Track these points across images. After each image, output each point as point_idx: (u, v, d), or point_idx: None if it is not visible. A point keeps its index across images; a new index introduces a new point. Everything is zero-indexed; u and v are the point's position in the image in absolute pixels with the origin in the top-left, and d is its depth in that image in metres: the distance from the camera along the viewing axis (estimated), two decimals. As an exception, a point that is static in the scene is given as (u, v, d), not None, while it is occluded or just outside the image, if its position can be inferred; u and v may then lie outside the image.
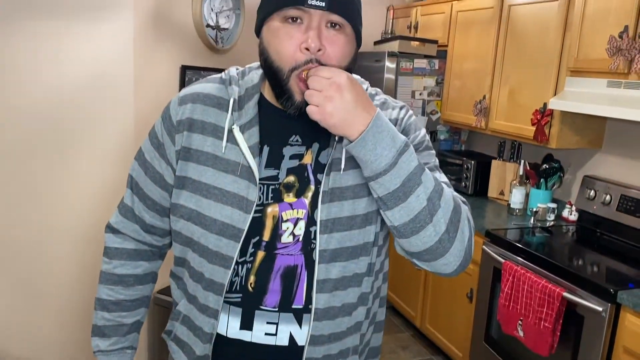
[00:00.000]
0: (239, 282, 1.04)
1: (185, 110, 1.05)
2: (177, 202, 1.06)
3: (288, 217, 1.03)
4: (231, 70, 1.11)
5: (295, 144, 1.05)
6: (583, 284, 2.18)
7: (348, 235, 1.03)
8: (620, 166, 2.79)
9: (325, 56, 0.95)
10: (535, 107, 2.85)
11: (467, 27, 3.43)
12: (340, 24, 0.97)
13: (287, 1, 0.94)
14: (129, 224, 1.17)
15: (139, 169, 1.13)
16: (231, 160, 1.02)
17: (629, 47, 2.28)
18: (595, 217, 2.80)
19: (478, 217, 3.00)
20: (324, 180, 1.03)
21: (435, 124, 3.79)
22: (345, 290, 1.05)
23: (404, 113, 1.12)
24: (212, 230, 1.02)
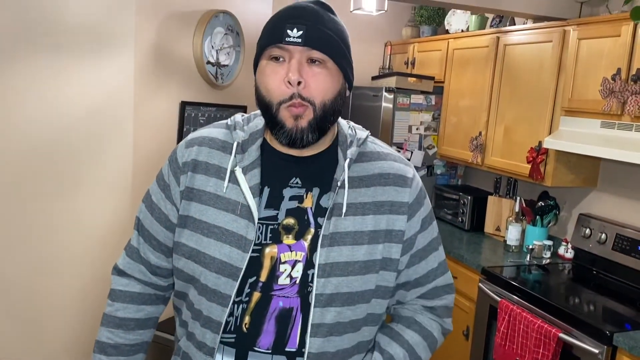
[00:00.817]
0: (234, 322, 1.05)
1: (191, 153, 1.10)
2: (179, 241, 1.08)
3: (286, 259, 1.05)
4: (237, 116, 1.15)
5: (295, 186, 1.08)
6: (579, 325, 2.18)
7: (345, 281, 1.04)
8: (615, 205, 2.81)
9: (307, 90, 0.99)
10: (530, 144, 2.88)
11: (463, 65, 3.49)
12: (321, 59, 1.01)
13: (269, 41, 1.01)
14: (135, 265, 1.18)
15: (146, 211, 1.16)
16: (232, 200, 1.05)
17: (621, 90, 2.32)
18: (591, 256, 2.80)
19: (474, 253, 3.00)
20: (325, 224, 1.04)
21: (431, 158, 3.82)
22: (340, 336, 1.06)
23: (417, 177, 1.16)
24: (212, 269, 1.04)
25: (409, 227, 1.11)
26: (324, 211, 1.06)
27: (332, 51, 1.01)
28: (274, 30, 1.00)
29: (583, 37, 2.56)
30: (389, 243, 1.08)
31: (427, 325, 1.19)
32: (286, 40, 0.98)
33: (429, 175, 3.84)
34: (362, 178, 1.09)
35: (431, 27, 4.14)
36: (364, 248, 1.05)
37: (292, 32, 0.98)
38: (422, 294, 1.19)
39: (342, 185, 1.06)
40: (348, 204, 1.06)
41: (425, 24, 4.14)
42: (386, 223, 1.08)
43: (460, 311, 2.97)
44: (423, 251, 1.15)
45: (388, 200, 1.09)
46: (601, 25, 2.48)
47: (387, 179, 1.10)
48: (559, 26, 2.73)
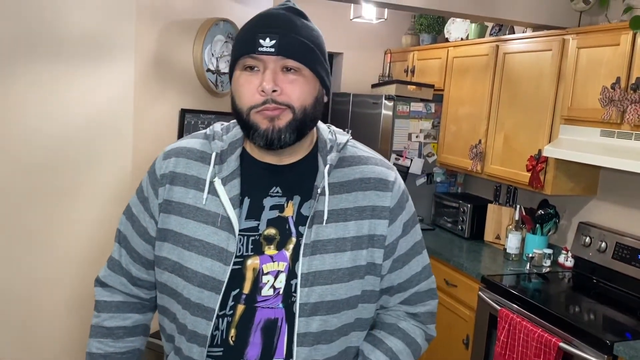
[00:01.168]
0: (220, 335, 1.04)
1: (169, 164, 1.09)
2: (160, 255, 1.08)
3: (269, 270, 1.04)
4: (216, 126, 1.14)
5: (276, 195, 1.06)
6: (579, 334, 2.17)
7: (330, 289, 1.03)
8: (615, 213, 2.81)
9: (283, 95, 0.98)
10: (530, 153, 2.88)
11: (462, 73, 3.49)
12: (296, 67, 0.99)
13: (242, 51, 1.00)
14: (116, 277, 1.18)
15: (127, 223, 1.16)
16: (211, 212, 1.04)
17: (621, 98, 2.33)
18: (591, 264, 2.79)
19: (474, 262, 2.99)
20: (306, 232, 1.03)
21: (431, 166, 3.82)
22: (328, 344, 1.05)
23: (399, 180, 1.14)
24: (194, 283, 1.02)
25: (390, 232, 1.10)
26: (306, 219, 1.05)
27: (307, 59, 1.00)
28: (247, 40, 0.99)
29: (582, 46, 2.57)
30: (372, 248, 1.07)
31: (411, 331, 1.17)
32: (259, 51, 0.97)
33: (428, 183, 3.84)
34: (343, 184, 1.08)
35: (431, 36, 4.15)
36: (347, 255, 1.04)
37: (265, 42, 0.97)
38: (405, 299, 1.17)
39: (322, 192, 1.05)
40: (329, 211, 1.05)
41: (425, 32, 4.16)
42: (368, 228, 1.07)
43: (460, 320, 2.96)
44: (406, 255, 1.14)
45: (370, 205, 1.08)
46: (600, 34, 2.49)
47: (368, 183, 1.09)
48: (558, 35, 2.74)
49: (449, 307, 3.06)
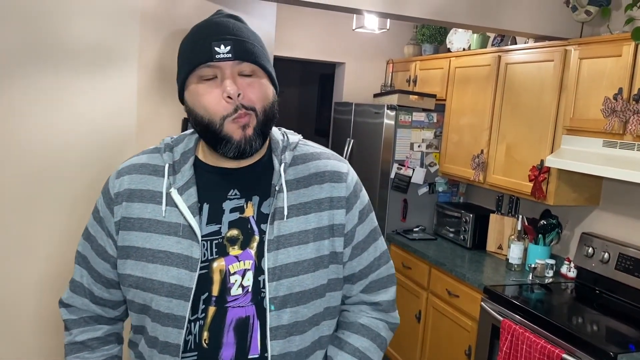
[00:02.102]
0: (193, 340, 1.04)
1: (122, 183, 1.10)
2: (124, 272, 1.08)
3: (235, 270, 1.05)
4: (166, 139, 1.15)
5: (234, 197, 1.09)
6: (583, 345, 2.15)
7: (297, 280, 1.05)
8: (618, 224, 2.80)
9: (247, 99, 1.01)
10: (532, 163, 2.88)
11: (464, 83, 3.50)
12: (251, 71, 1.02)
13: (197, 60, 1.00)
14: (78, 298, 1.18)
15: (85, 244, 1.17)
16: (172, 223, 1.05)
17: (623, 109, 2.33)
18: (593, 275, 2.78)
19: (476, 272, 2.98)
20: (268, 229, 1.06)
21: (433, 175, 3.82)
22: (301, 335, 1.07)
23: (352, 171, 1.19)
24: (162, 293, 1.03)
25: (348, 220, 1.13)
26: (266, 217, 1.08)
27: (260, 60, 1.03)
28: (201, 49, 1.00)
29: (584, 56, 2.57)
30: (333, 237, 1.11)
31: (374, 326, 1.20)
32: (216, 58, 0.99)
33: (430, 193, 3.83)
34: (299, 180, 1.11)
35: (433, 46, 4.17)
36: (310, 246, 1.07)
37: (221, 49, 0.99)
38: (367, 285, 1.20)
39: (280, 189, 1.08)
40: (289, 207, 1.08)
41: (427, 42, 4.17)
42: (328, 219, 1.11)
43: (462, 330, 2.95)
44: (363, 243, 1.17)
45: (327, 197, 1.11)
46: (602, 45, 2.49)
47: (323, 176, 1.13)
48: (560, 46, 2.74)
49: (451, 317, 3.04)
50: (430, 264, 3.25)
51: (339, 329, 1.20)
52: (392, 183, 3.74)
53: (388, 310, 1.23)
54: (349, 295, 1.21)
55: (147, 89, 2.33)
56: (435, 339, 3.20)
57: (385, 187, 3.75)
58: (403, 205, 3.79)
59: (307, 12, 4.22)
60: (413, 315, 3.39)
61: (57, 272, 2.26)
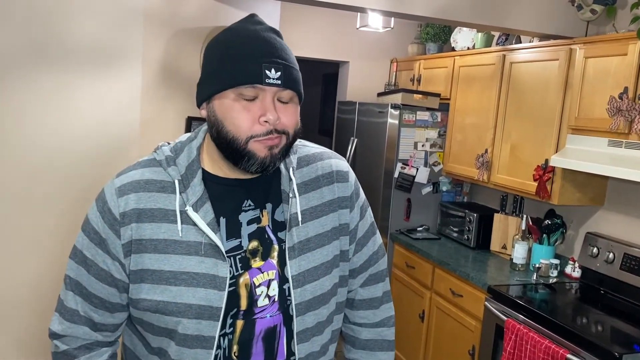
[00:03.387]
0: (222, 354, 1.03)
1: (128, 202, 1.02)
2: (139, 297, 1.03)
3: (260, 282, 1.05)
4: (164, 149, 1.09)
5: (249, 208, 1.07)
6: (587, 345, 2.14)
7: (319, 284, 1.08)
8: (622, 224, 2.79)
9: (281, 125, 1.00)
10: (536, 162, 2.87)
11: (469, 82, 3.49)
12: (290, 98, 1.01)
13: (245, 79, 0.96)
14: (76, 328, 1.08)
15: (79, 268, 1.07)
16: (192, 242, 1.01)
17: (629, 108, 2.31)
18: (598, 275, 2.77)
19: (480, 272, 2.97)
20: (287, 236, 1.06)
21: (437, 175, 3.81)
22: (321, 334, 1.11)
23: (350, 168, 1.21)
24: (189, 316, 1.00)
25: (352, 218, 1.16)
26: (281, 225, 1.07)
27: (300, 87, 1.03)
28: (249, 68, 0.97)
29: (589, 55, 2.56)
30: (342, 237, 1.14)
31: (388, 336, 1.29)
32: (266, 82, 0.96)
33: (434, 192, 3.82)
34: (307, 183, 1.12)
35: (437, 45, 4.16)
36: (327, 248, 1.10)
37: (271, 73, 0.97)
38: (367, 279, 1.24)
39: (293, 194, 1.08)
40: (302, 211, 1.08)
41: (431, 41, 4.16)
42: (338, 219, 1.13)
43: (466, 330, 2.94)
44: (364, 238, 1.21)
45: (336, 197, 1.14)
46: (608, 44, 2.48)
47: (331, 177, 1.14)
48: (566, 45, 2.73)
49: (454, 317, 3.04)
50: (434, 263, 3.25)
51: (359, 350, 1.28)
52: (396, 182, 3.73)
53: (387, 300, 1.28)
54: (350, 290, 1.23)
55: (151, 87, 2.33)
56: (439, 339, 3.19)
57: (389, 187, 3.74)
58: (407, 205, 3.78)
59: (311, 11, 4.21)
60: (417, 315, 3.39)
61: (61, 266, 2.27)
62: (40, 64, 2.12)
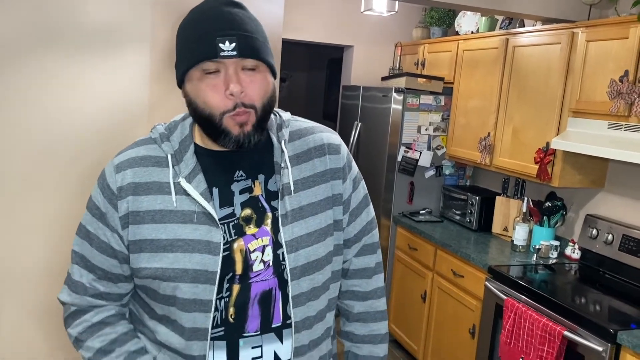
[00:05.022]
0: (219, 316, 1.09)
1: (125, 177, 1.09)
2: (139, 266, 1.08)
3: (255, 247, 1.10)
4: (158, 127, 1.16)
5: (241, 178, 1.13)
6: (584, 323, 2.20)
7: (312, 250, 1.13)
8: (622, 206, 2.83)
9: (247, 97, 1.03)
10: (538, 145, 2.90)
11: (472, 66, 3.51)
12: (255, 65, 1.04)
13: (202, 56, 1.01)
14: (82, 298, 1.15)
15: (83, 242, 1.14)
16: (186, 211, 1.07)
17: (629, 91, 2.34)
18: (597, 256, 2.82)
19: (481, 253, 3.03)
20: (280, 204, 1.11)
21: (440, 158, 3.85)
22: (317, 299, 1.16)
23: (342, 142, 1.26)
24: (186, 280, 1.06)
25: (345, 189, 1.21)
26: (274, 194, 1.13)
27: (263, 55, 1.05)
28: (205, 44, 1.00)
29: (591, 39, 2.58)
30: (334, 207, 1.19)
31: (379, 307, 1.34)
32: (221, 55, 1.00)
33: (437, 176, 3.87)
34: (299, 155, 1.17)
35: (441, 29, 4.17)
36: (319, 217, 1.15)
37: (225, 46, 1.00)
38: (361, 248, 1.29)
39: (285, 166, 1.13)
40: (295, 182, 1.14)
41: (436, 25, 4.17)
42: (330, 189, 1.18)
43: (466, 309, 3.00)
44: (357, 209, 1.26)
45: (328, 169, 1.19)
46: (609, 27, 2.50)
47: (322, 150, 1.19)
48: (568, 28, 2.75)
49: (456, 297, 3.10)
50: (436, 245, 3.30)
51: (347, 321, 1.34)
52: (399, 166, 3.77)
53: (379, 271, 1.34)
54: (345, 260, 1.29)
55: (159, 70, 2.38)
56: (440, 318, 3.26)
57: (392, 170, 3.79)
58: (410, 188, 3.83)
59: (316, -5, 4.22)
60: (419, 295, 3.45)
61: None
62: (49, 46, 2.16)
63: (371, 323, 1.32)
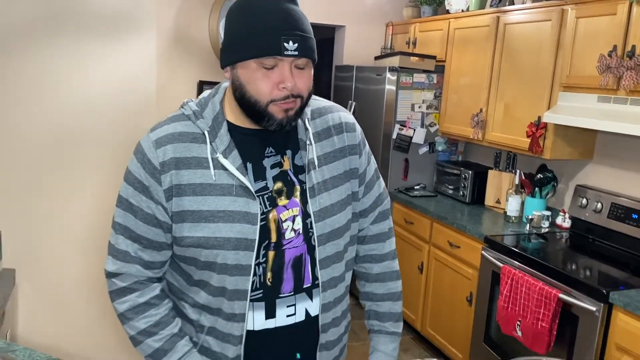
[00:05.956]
0: (258, 280, 1.21)
1: (166, 152, 1.16)
2: (181, 235, 1.17)
3: (286, 217, 1.22)
4: (190, 104, 1.23)
5: (271, 155, 1.23)
6: (578, 285, 2.34)
7: (336, 218, 1.26)
8: (610, 176, 2.96)
9: (297, 90, 1.13)
10: (530, 120, 3.02)
11: (464, 44, 3.60)
12: (305, 64, 1.15)
13: (266, 52, 1.09)
14: (129, 266, 1.22)
15: (126, 214, 1.20)
16: (224, 184, 1.17)
17: (617, 65, 2.46)
18: (587, 224, 2.96)
19: (476, 224, 3.15)
20: (307, 178, 1.23)
21: (433, 135, 3.95)
22: (340, 262, 1.30)
23: (357, 123, 1.37)
24: (228, 248, 1.16)
25: (360, 163, 1.34)
26: (300, 168, 1.24)
27: (314, 55, 1.15)
28: (269, 41, 1.08)
29: (581, 15, 2.68)
30: (352, 180, 1.31)
31: (395, 267, 1.47)
32: (285, 54, 1.09)
33: (430, 152, 3.98)
34: (320, 132, 1.28)
35: (432, 8, 4.24)
36: (340, 189, 1.28)
37: (289, 45, 1.09)
38: (376, 217, 1.42)
39: (310, 142, 1.25)
40: (318, 157, 1.26)
41: (426, 4, 4.24)
42: (349, 164, 1.31)
43: (463, 279, 3.13)
44: (371, 181, 1.39)
45: (347, 145, 1.31)
46: (598, 4, 2.60)
47: (340, 127, 1.31)
48: (558, 5, 2.85)
49: (452, 267, 3.23)
50: (432, 218, 3.42)
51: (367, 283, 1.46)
52: (394, 143, 3.87)
53: (392, 235, 1.46)
54: (362, 228, 1.41)
55: (165, 53, 2.43)
56: (438, 288, 3.39)
57: (388, 148, 3.88)
58: (405, 165, 3.93)
59: (308, -24, 4.25)
60: (416, 267, 3.58)
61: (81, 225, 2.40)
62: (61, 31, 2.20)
63: (389, 282, 1.45)
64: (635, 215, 2.70)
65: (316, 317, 1.27)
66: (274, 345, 1.25)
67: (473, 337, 3.00)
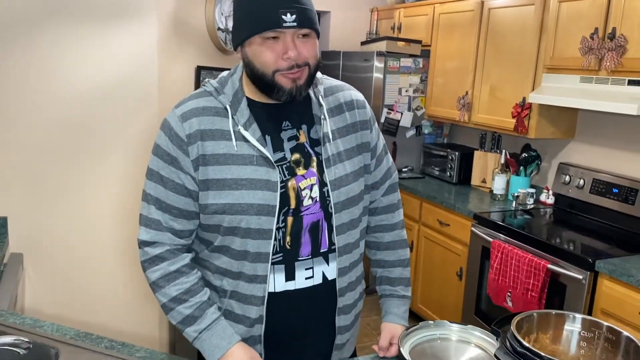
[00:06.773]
0: (278, 245, 1.30)
1: (192, 125, 1.25)
2: (206, 202, 1.26)
3: (304, 186, 1.30)
4: (212, 82, 1.33)
5: (288, 128, 1.31)
6: (565, 256, 2.47)
7: (351, 187, 1.35)
8: (591, 153, 3.11)
9: (303, 58, 1.21)
10: (515, 101, 3.14)
11: (449, 29, 3.70)
12: (308, 32, 1.22)
13: (266, 26, 1.17)
14: (162, 234, 1.29)
15: (156, 186, 1.28)
16: (246, 154, 1.25)
17: (599, 47, 2.58)
18: (570, 200, 3.11)
19: (464, 203, 3.27)
20: (323, 150, 1.31)
21: (420, 119, 4.06)
22: (355, 229, 1.38)
23: (366, 102, 1.45)
24: (251, 213, 1.25)
25: (371, 138, 1.42)
26: (316, 141, 1.33)
27: (316, 26, 1.23)
28: (269, 15, 1.16)
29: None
30: (364, 153, 1.40)
31: (403, 236, 1.57)
32: (284, 26, 1.16)
33: (417, 135, 4.09)
34: (333, 109, 1.36)
35: (416, -6, 4.32)
36: (354, 160, 1.36)
37: (287, 17, 1.16)
38: (386, 189, 1.51)
39: (324, 117, 1.33)
40: (332, 131, 1.34)
41: (410, -10, 4.32)
42: (361, 138, 1.39)
43: (453, 255, 3.26)
44: (380, 155, 1.47)
45: (359, 120, 1.39)
46: (580, -12, 2.72)
47: (352, 104, 1.40)
48: (541, -10, 2.96)
49: (442, 244, 3.35)
50: (421, 198, 3.53)
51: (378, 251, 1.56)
52: (382, 127, 3.97)
53: (400, 206, 1.56)
54: (374, 200, 1.51)
55: (165, 39, 2.47)
56: (428, 266, 3.52)
57: (376, 131, 3.97)
58: (392, 148, 4.03)
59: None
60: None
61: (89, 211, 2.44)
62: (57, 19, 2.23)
63: (399, 250, 1.55)
64: (615, 190, 2.85)
65: (333, 281, 1.36)
66: (295, 307, 1.34)
67: (464, 310, 3.14)
